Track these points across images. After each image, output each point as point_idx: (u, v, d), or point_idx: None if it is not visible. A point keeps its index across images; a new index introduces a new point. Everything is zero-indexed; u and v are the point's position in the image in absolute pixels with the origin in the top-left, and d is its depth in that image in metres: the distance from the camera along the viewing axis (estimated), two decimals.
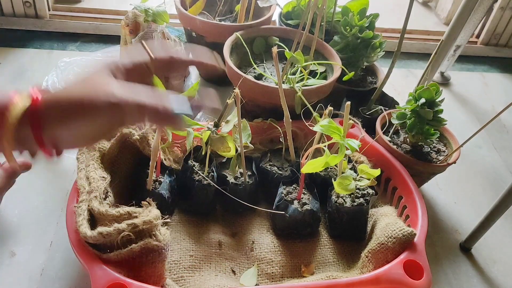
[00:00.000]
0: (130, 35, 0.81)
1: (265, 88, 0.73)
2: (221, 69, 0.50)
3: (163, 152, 0.69)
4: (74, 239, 0.53)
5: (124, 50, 0.74)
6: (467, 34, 1.07)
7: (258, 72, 0.82)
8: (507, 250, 0.75)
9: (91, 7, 1.18)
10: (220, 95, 0.51)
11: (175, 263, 0.60)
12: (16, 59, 1.03)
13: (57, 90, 0.40)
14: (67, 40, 1.12)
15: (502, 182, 0.88)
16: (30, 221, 0.68)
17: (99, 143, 0.62)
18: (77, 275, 0.62)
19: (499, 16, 1.23)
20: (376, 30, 0.87)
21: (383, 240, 0.58)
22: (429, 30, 1.30)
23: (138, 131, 0.65)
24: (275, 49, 0.60)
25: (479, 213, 0.71)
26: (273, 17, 0.96)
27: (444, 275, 0.70)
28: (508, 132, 1.03)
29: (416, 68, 1.21)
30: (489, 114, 1.07)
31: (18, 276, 0.61)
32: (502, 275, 0.71)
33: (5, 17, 1.11)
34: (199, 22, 0.89)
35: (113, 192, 0.59)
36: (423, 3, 1.47)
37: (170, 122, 0.40)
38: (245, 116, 0.72)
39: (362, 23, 0.84)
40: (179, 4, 0.93)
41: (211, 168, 0.67)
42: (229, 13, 1.02)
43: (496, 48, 1.29)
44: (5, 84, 0.95)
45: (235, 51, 0.86)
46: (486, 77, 1.22)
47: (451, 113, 1.06)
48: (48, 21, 1.13)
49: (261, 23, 0.91)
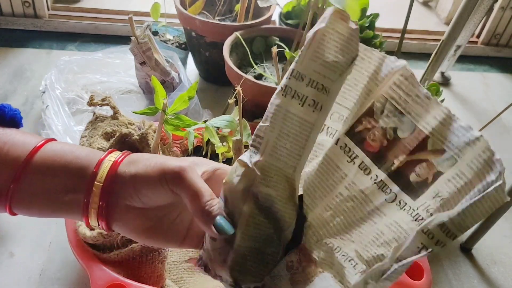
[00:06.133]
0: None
1: (265, 88, 0.73)
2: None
3: (163, 152, 0.69)
4: (73, 239, 0.53)
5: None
6: (468, 34, 1.06)
7: (258, 72, 0.82)
8: (508, 250, 0.75)
9: (90, 7, 1.18)
10: (220, 95, 0.51)
11: (174, 264, 0.60)
12: (15, 59, 1.02)
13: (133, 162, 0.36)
14: (66, 40, 1.12)
15: None
16: (29, 221, 0.68)
17: (98, 144, 0.62)
18: (76, 276, 0.62)
19: (500, 16, 1.23)
20: (376, 30, 0.87)
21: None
22: (430, 30, 1.30)
23: (137, 131, 0.65)
24: (274, 49, 0.60)
25: None
26: (273, 17, 0.96)
27: (445, 275, 0.69)
28: (508, 132, 1.02)
29: (417, 68, 1.20)
30: (489, 114, 1.06)
31: (17, 276, 0.61)
32: (503, 275, 0.71)
33: (4, 17, 1.11)
34: (199, 22, 0.89)
35: None
36: (423, 3, 1.47)
37: (207, 225, 0.35)
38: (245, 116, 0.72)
39: (362, 23, 0.84)
40: (178, 4, 0.93)
41: None
42: (229, 13, 1.01)
43: (496, 48, 1.29)
44: (4, 84, 0.95)
45: (235, 51, 0.85)
46: (487, 77, 1.21)
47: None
48: (47, 21, 1.12)
49: (261, 23, 0.91)
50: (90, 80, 0.93)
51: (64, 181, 0.35)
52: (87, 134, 0.63)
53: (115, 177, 0.35)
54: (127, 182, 0.35)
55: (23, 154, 0.34)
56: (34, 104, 0.91)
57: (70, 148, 0.36)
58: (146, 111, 0.56)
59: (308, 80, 0.35)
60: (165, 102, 0.54)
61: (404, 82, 0.33)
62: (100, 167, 0.35)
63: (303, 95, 0.35)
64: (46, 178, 0.35)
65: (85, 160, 0.35)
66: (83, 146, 0.40)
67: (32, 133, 0.37)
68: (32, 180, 0.34)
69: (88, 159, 0.35)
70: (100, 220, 0.35)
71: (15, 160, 0.34)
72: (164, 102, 0.54)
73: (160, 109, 0.54)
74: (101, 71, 0.95)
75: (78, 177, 0.35)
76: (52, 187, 0.35)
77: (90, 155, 0.36)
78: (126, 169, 0.35)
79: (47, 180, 0.35)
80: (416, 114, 0.33)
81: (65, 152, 0.36)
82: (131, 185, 0.35)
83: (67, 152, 0.36)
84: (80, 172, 0.35)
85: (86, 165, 0.35)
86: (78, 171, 0.35)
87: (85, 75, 0.94)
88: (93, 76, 0.94)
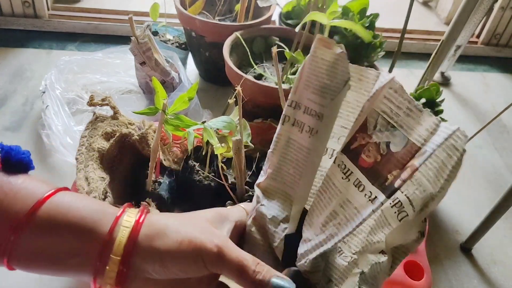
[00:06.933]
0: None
1: (265, 88, 0.73)
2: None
3: (163, 152, 0.69)
4: None
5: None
6: (468, 34, 1.06)
7: (258, 72, 0.82)
8: (508, 250, 0.75)
9: (90, 7, 1.18)
10: (220, 95, 0.51)
11: None
12: (15, 59, 1.02)
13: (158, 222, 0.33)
14: (66, 40, 1.12)
15: (503, 182, 0.88)
16: None
17: (98, 144, 0.62)
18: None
19: (500, 16, 1.23)
20: (376, 30, 0.87)
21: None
22: (430, 30, 1.30)
23: (137, 131, 0.65)
24: (274, 49, 0.60)
25: (480, 213, 0.71)
26: (273, 16, 0.96)
27: (445, 275, 0.69)
28: (508, 133, 1.02)
29: (417, 68, 1.20)
30: (489, 114, 1.06)
31: (17, 276, 0.61)
32: (503, 276, 0.71)
33: (4, 17, 1.11)
34: (199, 22, 0.89)
35: (112, 192, 0.59)
36: (423, 3, 1.47)
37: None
38: (245, 117, 0.72)
39: (362, 23, 0.84)
40: (178, 4, 0.93)
41: (212, 168, 0.66)
42: (229, 13, 1.01)
43: (496, 48, 1.29)
44: (4, 84, 0.95)
45: (235, 51, 0.85)
46: (487, 77, 1.21)
47: (452, 113, 1.06)
48: (47, 21, 1.12)
49: (261, 23, 0.91)
50: (90, 80, 0.93)
51: (69, 243, 0.32)
52: (87, 134, 0.63)
53: (136, 249, 0.32)
54: (153, 258, 0.32)
55: (24, 208, 0.31)
56: (34, 104, 0.91)
57: (78, 203, 0.33)
58: (146, 111, 0.56)
59: (304, 108, 0.37)
60: (165, 102, 0.54)
61: (394, 94, 0.33)
62: (115, 235, 0.31)
63: (301, 122, 0.37)
64: (49, 237, 0.32)
65: (94, 220, 0.32)
66: (94, 200, 0.36)
67: (42, 179, 0.34)
68: (33, 237, 0.31)
69: (97, 220, 0.32)
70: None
71: (16, 213, 0.31)
72: (164, 102, 0.54)
73: (160, 109, 0.54)
74: (101, 71, 0.95)
75: (86, 240, 0.32)
76: (55, 247, 0.32)
77: (100, 213, 0.33)
78: (151, 243, 0.32)
79: (50, 239, 0.32)
80: (408, 127, 0.33)
81: (70, 209, 0.32)
82: (158, 262, 0.32)
83: (72, 209, 0.32)
84: (88, 235, 0.32)
85: (95, 227, 0.32)
86: (86, 233, 0.32)
87: (85, 75, 0.94)
88: (93, 76, 0.94)
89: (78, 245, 0.32)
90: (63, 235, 0.32)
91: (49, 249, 0.32)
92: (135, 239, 0.32)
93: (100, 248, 0.31)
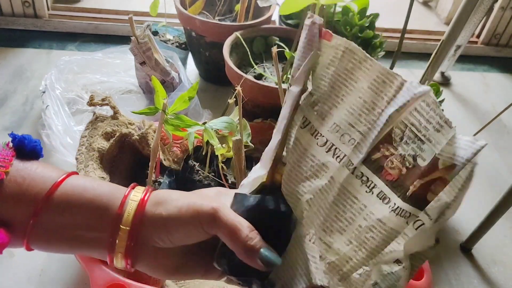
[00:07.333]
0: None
1: (265, 88, 0.73)
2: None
3: (163, 152, 0.69)
4: None
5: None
6: (468, 34, 1.06)
7: (258, 72, 0.82)
8: (508, 250, 0.75)
9: (90, 7, 1.18)
10: (220, 95, 0.51)
11: None
12: (15, 59, 1.02)
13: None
14: (66, 40, 1.12)
15: (503, 182, 0.88)
16: None
17: (98, 144, 0.62)
18: (76, 276, 0.62)
19: (500, 16, 1.23)
20: (376, 30, 0.87)
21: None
22: (430, 30, 1.30)
23: (137, 131, 0.65)
24: (274, 49, 0.59)
25: (480, 213, 0.71)
26: (273, 16, 0.96)
27: (445, 275, 0.69)
28: (508, 133, 1.02)
29: (417, 68, 1.20)
30: (489, 114, 1.06)
31: (17, 277, 0.61)
32: (503, 276, 0.71)
33: (4, 17, 1.11)
34: (199, 22, 0.89)
35: None
36: (423, 3, 1.47)
37: (252, 261, 0.34)
38: (245, 116, 0.72)
39: (362, 22, 0.84)
40: (178, 4, 0.93)
41: (212, 168, 0.66)
42: (229, 13, 1.01)
43: (496, 48, 1.29)
44: (4, 84, 0.95)
45: (235, 51, 0.85)
46: (487, 77, 1.21)
47: (452, 113, 1.06)
48: (47, 20, 1.12)
49: (261, 22, 0.91)
50: (90, 80, 0.93)
51: (85, 220, 0.34)
52: (87, 134, 0.63)
53: (142, 219, 0.34)
54: (157, 225, 0.34)
55: (42, 191, 0.34)
56: (34, 104, 0.91)
57: (91, 184, 0.36)
58: (146, 111, 0.56)
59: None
60: (165, 102, 0.54)
61: (426, 108, 0.32)
62: (124, 208, 0.34)
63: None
64: (66, 215, 0.34)
65: (107, 198, 0.35)
66: (104, 181, 0.39)
67: (53, 166, 0.36)
68: (51, 217, 0.34)
69: (110, 197, 0.35)
70: (126, 261, 0.35)
71: (35, 196, 0.33)
72: (164, 102, 0.54)
73: (160, 109, 0.54)
74: (101, 71, 0.95)
75: (101, 216, 0.34)
76: (72, 224, 0.34)
77: (112, 192, 0.35)
78: (155, 211, 0.34)
79: (68, 217, 0.34)
80: (437, 142, 0.32)
81: (86, 189, 0.35)
82: (162, 228, 0.34)
83: (88, 189, 0.35)
84: (102, 211, 0.34)
85: (108, 204, 0.34)
86: (100, 210, 0.34)
87: (85, 75, 0.94)
88: (93, 76, 0.94)
89: (94, 221, 0.34)
90: (81, 213, 0.34)
91: (67, 227, 0.34)
92: (142, 210, 0.34)
93: (112, 221, 0.34)
